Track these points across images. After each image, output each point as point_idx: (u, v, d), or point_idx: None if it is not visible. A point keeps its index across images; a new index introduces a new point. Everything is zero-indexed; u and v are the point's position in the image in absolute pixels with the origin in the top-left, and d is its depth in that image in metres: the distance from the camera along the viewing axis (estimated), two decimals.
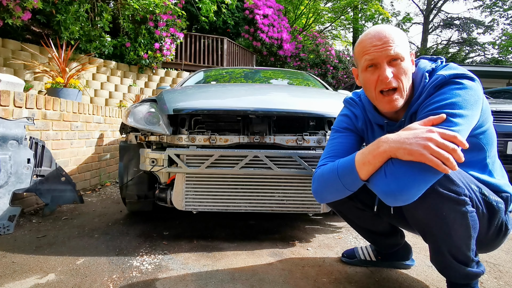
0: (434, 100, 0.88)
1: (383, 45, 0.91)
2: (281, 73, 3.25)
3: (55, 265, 1.29)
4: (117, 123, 3.34)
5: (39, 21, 4.75)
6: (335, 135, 1.14)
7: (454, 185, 0.84)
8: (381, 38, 0.92)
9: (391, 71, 0.91)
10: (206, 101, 1.69)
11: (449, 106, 0.84)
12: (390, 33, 0.92)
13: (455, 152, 0.74)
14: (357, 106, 1.15)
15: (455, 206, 0.85)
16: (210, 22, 7.85)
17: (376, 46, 0.91)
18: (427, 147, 0.74)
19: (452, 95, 0.86)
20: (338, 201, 1.16)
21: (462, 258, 0.93)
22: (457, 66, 0.94)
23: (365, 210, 1.16)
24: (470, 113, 0.84)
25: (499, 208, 0.92)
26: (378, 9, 13.75)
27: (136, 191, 1.73)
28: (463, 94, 0.85)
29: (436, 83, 0.90)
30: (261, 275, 1.24)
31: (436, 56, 1.03)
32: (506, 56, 17.40)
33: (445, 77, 0.89)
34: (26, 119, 1.80)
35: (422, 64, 1.00)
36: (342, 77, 10.83)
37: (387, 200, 0.86)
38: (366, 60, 0.94)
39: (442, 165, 0.73)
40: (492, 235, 0.97)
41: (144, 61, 6.19)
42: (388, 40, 0.91)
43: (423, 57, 1.06)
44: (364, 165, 0.88)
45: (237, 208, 1.51)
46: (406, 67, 0.93)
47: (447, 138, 0.75)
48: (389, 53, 0.91)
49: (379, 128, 1.08)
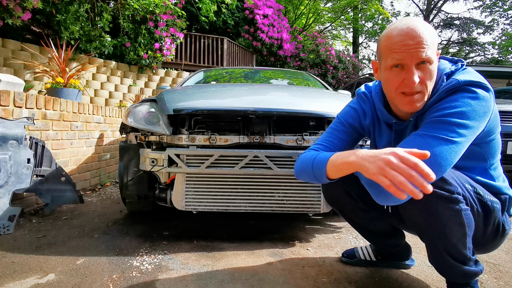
0: (444, 106, 0.85)
1: (416, 46, 0.83)
2: (281, 73, 3.25)
3: (55, 265, 1.29)
4: (117, 123, 3.34)
5: (39, 21, 4.74)
6: (338, 126, 1.13)
7: (447, 184, 0.85)
8: (414, 37, 0.83)
9: (418, 75, 0.85)
10: (206, 101, 1.69)
11: (457, 115, 0.82)
12: (424, 32, 0.84)
13: (412, 178, 0.68)
14: (367, 102, 1.11)
15: (449, 204, 0.86)
16: (210, 22, 7.85)
17: (408, 46, 0.84)
18: (383, 169, 0.72)
19: (462, 104, 0.83)
20: (341, 202, 1.17)
21: (458, 256, 0.94)
22: (474, 71, 0.90)
23: (368, 211, 1.16)
24: (476, 124, 0.83)
25: (494, 207, 0.93)
26: (378, 9, 13.75)
27: (136, 191, 1.73)
28: (474, 104, 0.83)
29: (449, 88, 0.86)
30: (261, 275, 1.24)
31: (457, 58, 0.97)
32: (506, 56, 17.40)
33: (459, 83, 0.85)
34: (26, 119, 1.80)
35: (442, 65, 0.95)
36: (342, 77, 10.83)
37: (378, 200, 0.87)
38: (394, 59, 0.86)
39: (397, 190, 0.69)
40: (489, 235, 0.97)
41: (144, 61, 6.18)
42: (421, 40, 0.83)
43: (443, 57, 1.00)
44: (333, 167, 0.91)
45: (237, 208, 1.51)
46: (433, 70, 0.87)
47: (408, 164, 0.69)
48: (421, 55, 0.83)
49: (386, 126, 1.06)
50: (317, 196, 1.50)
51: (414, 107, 0.90)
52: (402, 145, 0.85)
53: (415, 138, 0.84)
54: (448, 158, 0.80)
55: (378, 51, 0.97)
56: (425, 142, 0.81)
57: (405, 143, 0.86)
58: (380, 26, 16.74)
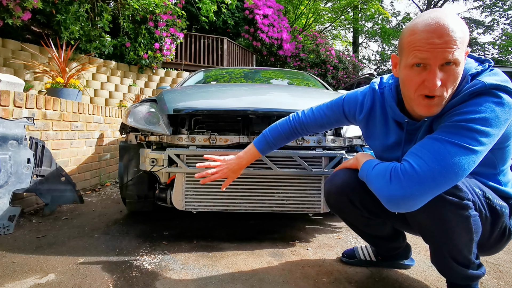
0: (467, 109, 0.78)
1: (443, 46, 0.75)
2: (281, 73, 3.25)
3: (55, 265, 1.29)
4: (117, 123, 3.34)
5: (39, 21, 4.74)
6: (339, 102, 1.15)
7: (458, 190, 0.83)
8: (443, 35, 0.74)
9: (441, 77, 0.77)
10: (206, 101, 1.69)
11: (480, 122, 0.76)
12: (454, 29, 0.74)
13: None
14: (375, 99, 1.05)
15: (458, 211, 0.84)
16: (210, 22, 7.85)
17: (434, 45, 0.75)
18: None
19: (486, 109, 0.76)
20: (345, 211, 1.16)
21: (463, 260, 0.92)
22: (501, 73, 0.82)
23: (372, 219, 1.14)
24: (497, 132, 0.77)
25: (503, 212, 0.90)
26: (378, 9, 13.74)
27: (136, 191, 1.73)
28: (498, 110, 0.76)
29: (473, 90, 0.79)
30: (261, 275, 1.24)
31: (484, 58, 0.88)
32: (506, 56, 17.39)
33: (485, 86, 0.78)
34: (26, 119, 1.80)
35: (467, 65, 0.86)
36: (342, 77, 10.83)
37: (389, 206, 0.83)
38: (416, 57, 0.78)
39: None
40: (495, 238, 0.95)
41: (144, 61, 6.18)
42: (450, 39, 0.74)
43: (470, 56, 0.89)
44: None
45: (237, 208, 1.51)
46: (458, 73, 0.79)
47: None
48: (447, 56, 0.75)
49: (396, 125, 1.00)
50: (317, 196, 1.50)
51: (431, 111, 0.83)
52: (417, 148, 0.81)
53: (433, 143, 0.79)
54: (466, 168, 0.76)
55: (399, 45, 0.87)
56: (445, 149, 0.76)
57: (420, 146, 0.81)
58: (380, 26, 16.74)
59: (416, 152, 0.80)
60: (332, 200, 1.16)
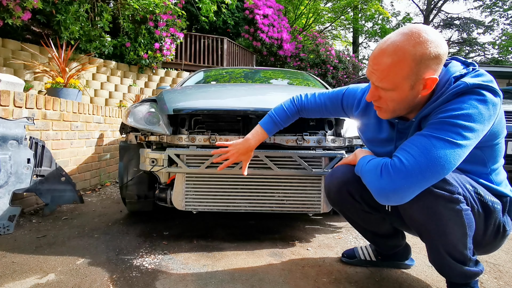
0: (451, 107, 0.83)
1: (373, 70, 0.88)
2: (281, 73, 3.25)
3: (55, 265, 1.29)
4: (117, 123, 3.34)
5: (39, 21, 4.74)
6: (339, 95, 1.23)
7: (448, 184, 0.85)
8: (375, 63, 0.86)
9: (378, 94, 0.91)
10: (206, 101, 1.69)
11: (464, 117, 0.81)
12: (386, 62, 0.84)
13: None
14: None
15: (449, 204, 0.86)
16: (210, 22, 7.86)
17: (371, 66, 0.88)
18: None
19: (469, 106, 0.81)
20: (343, 204, 1.17)
21: (459, 256, 0.94)
22: (486, 73, 0.87)
23: (371, 213, 1.16)
24: (481, 128, 0.82)
25: (494, 208, 0.92)
26: (378, 9, 13.76)
27: (136, 191, 1.73)
28: (480, 107, 0.81)
29: (456, 91, 0.84)
30: (261, 275, 1.24)
31: (470, 61, 0.93)
32: (506, 56, 17.39)
33: (467, 86, 0.83)
34: (26, 119, 1.80)
35: (452, 68, 0.91)
36: (342, 77, 10.83)
37: (379, 199, 0.88)
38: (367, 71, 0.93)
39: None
40: (490, 236, 0.97)
41: (144, 61, 6.19)
42: (379, 68, 0.86)
43: (456, 58, 0.96)
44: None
45: (237, 208, 1.51)
46: (392, 97, 0.88)
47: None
48: (374, 81, 0.89)
49: (388, 124, 1.06)
50: (317, 196, 1.50)
51: (381, 116, 0.97)
52: (406, 144, 0.86)
53: (419, 138, 0.84)
54: (452, 161, 0.80)
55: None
56: (430, 142, 0.81)
57: (409, 142, 0.86)
58: (380, 26, 16.75)
59: (405, 147, 0.86)
60: (333, 194, 1.18)
